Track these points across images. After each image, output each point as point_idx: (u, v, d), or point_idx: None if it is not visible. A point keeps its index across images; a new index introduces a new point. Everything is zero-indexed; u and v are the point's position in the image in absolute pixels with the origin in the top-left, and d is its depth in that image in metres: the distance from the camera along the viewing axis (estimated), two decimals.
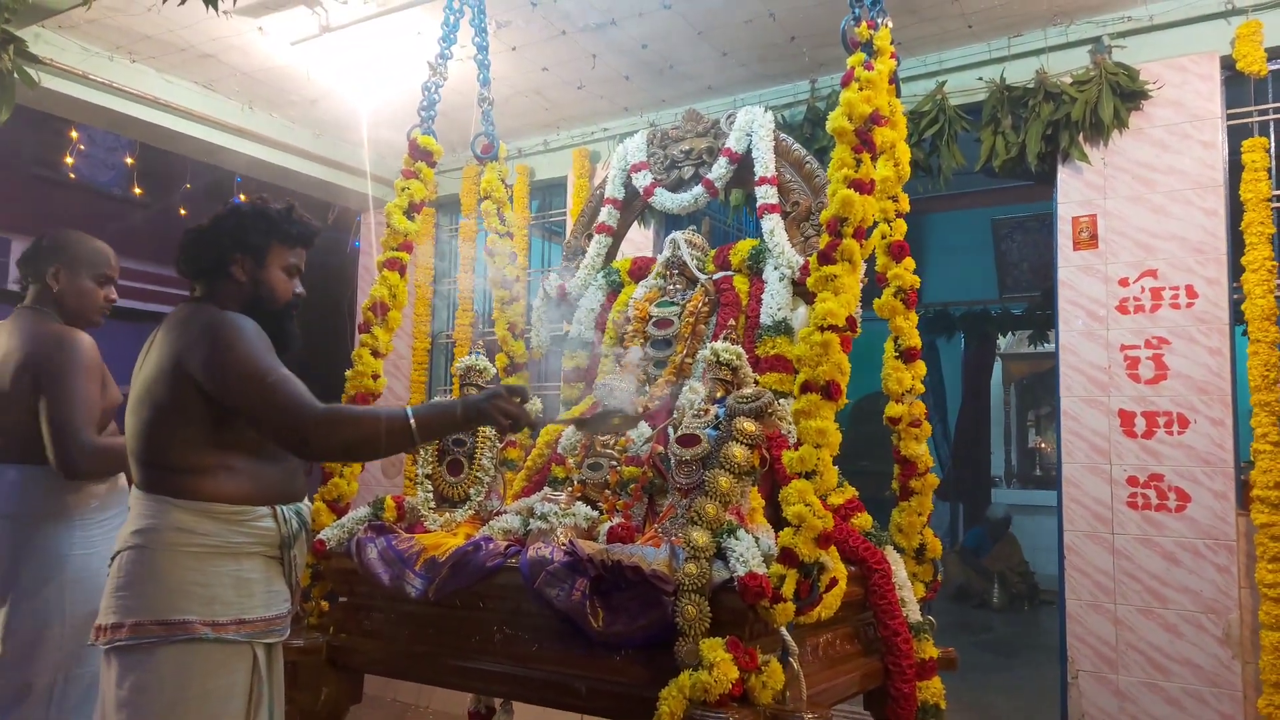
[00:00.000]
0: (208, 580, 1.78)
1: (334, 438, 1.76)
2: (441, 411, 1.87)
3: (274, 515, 1.87)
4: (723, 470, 2.18)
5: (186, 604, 1.76)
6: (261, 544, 1.85)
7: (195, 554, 1.78)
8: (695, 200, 3.13)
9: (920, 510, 2.69)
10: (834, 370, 2.07)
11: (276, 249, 1.98)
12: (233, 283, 1.93)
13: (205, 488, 1.80)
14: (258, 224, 1.95)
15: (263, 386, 1.75)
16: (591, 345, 3.19)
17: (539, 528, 2.39)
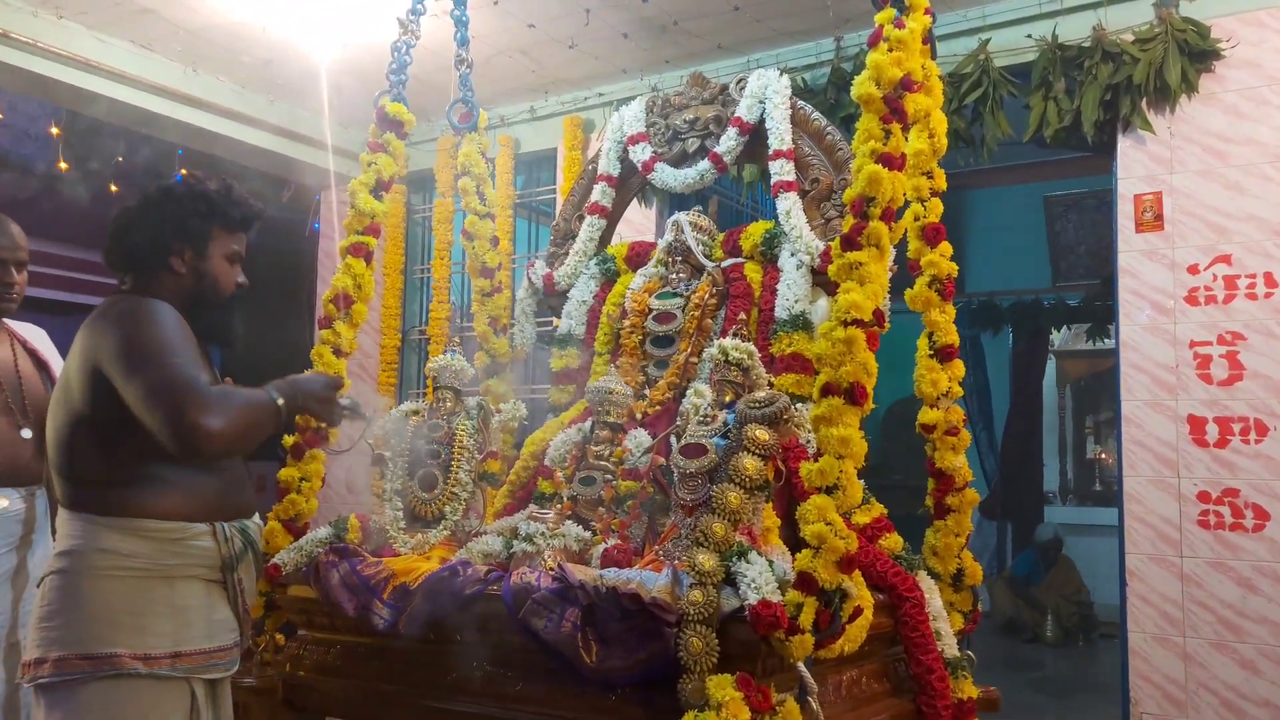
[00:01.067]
0: (138, 608, 1.78)
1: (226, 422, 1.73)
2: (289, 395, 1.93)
3: (213, 533, 1.88)
4: (732, 485, 2.19)
5: (114, 635, 1.76)
6: (200, 566, 1.85)
7: (124, 579, 1.78)
8: (701, 177, 3.14)
9: (958, 530, 2.70)
10: (859, 371, 2.08)
11: (218, 235, 1.98)
12: (170, 275, 1.94)
13: (132, 503, 1.80)
14: (197, 207, 1.96)
15: (159, 367, 1.74)
16: (583, 342, 3.22)
17: (524, 550, 2.40)
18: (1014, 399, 8.50)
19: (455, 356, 2.88)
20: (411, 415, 2.86)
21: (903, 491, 4.21)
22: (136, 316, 1.82)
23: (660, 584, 2.10)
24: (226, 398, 1.77)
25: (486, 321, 3.48)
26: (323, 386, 2.06)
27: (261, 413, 1.86)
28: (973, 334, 8.09)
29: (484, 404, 2.85)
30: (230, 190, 2.04)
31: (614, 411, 2.72)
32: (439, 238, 5.38)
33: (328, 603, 2.45)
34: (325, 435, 3.02)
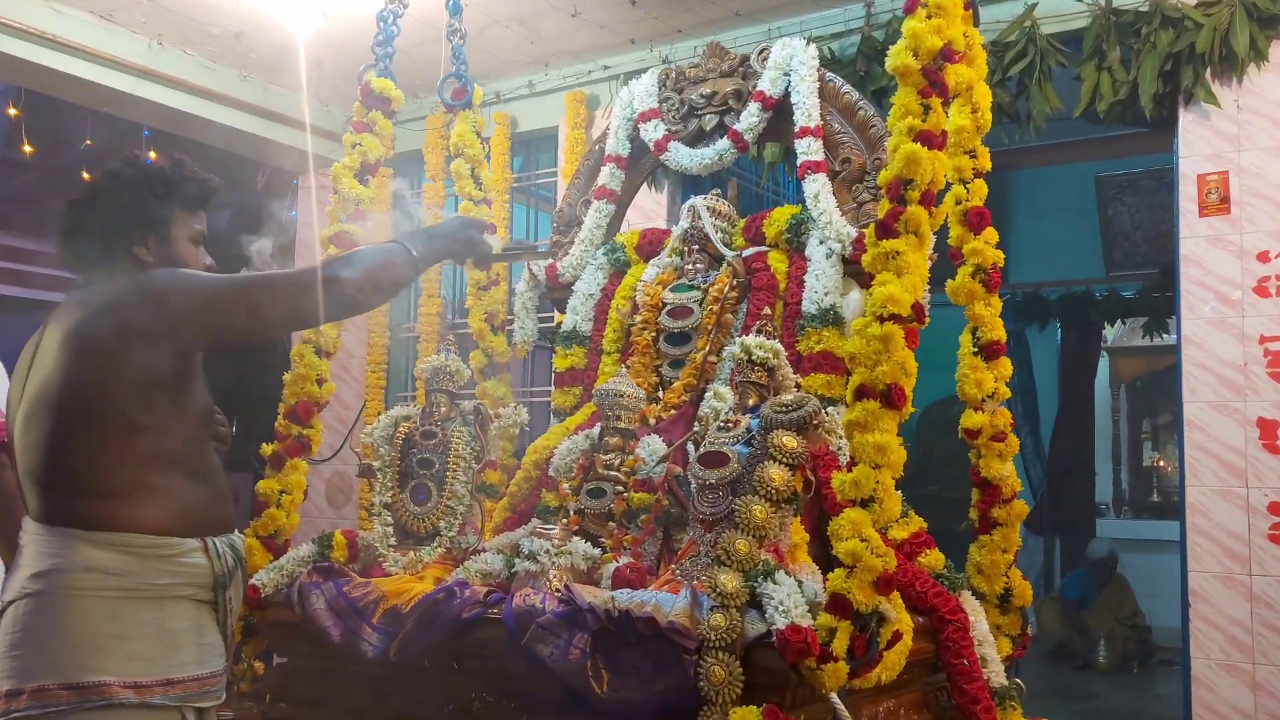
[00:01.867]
0: (126, 631, 1.77)
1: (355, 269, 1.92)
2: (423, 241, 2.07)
3: (205, 549, 1.89)
4: (757, 497, 2.19)
5: (101, 661, 1.75)
6: (191, 585, 1.86)
7: (111, 599, 1.77)
8: (720, 157, 3.14)
9: (1005, 546, 2.69)
10: (896, 371, 2.07)
11: (180, 217, 1.99)
12: (136, 267, 1.95)
13: (121, 515, 1.79)
14: (153, 189, 1.96)
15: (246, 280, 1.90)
16: (590, 340, 3.22)
17: (526, 569, 2.40)
18: (1063, 401, 8.47)
19: (449, 357, 2.88)
20: (402, 421, 2.86)
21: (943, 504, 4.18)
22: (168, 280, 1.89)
23: (678, 607, 2.10)
24: (342, 255, 1.99)
25: (483, 318, 3.48)
26: (460, 226, 2.19)
27: (391, 256, 2.00)
28: (1017, 329, 8.07)
29: (481, 408, 2.86)
30: (183, 166, 2.04)
31: (625, 416, 2.72)
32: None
33: (311, 627, 2.46)
34: (307, 445, 3.03)
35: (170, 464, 1.86)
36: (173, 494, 1.86)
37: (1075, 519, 8.37)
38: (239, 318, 1.90)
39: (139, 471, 1.83)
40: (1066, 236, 7.85)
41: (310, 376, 3.00)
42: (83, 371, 1.82)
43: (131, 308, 1.83)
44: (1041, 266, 7.87)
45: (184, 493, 1.88)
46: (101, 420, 1.81)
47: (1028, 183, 7.67)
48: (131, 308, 1.83)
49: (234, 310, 1.89)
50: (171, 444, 1.86)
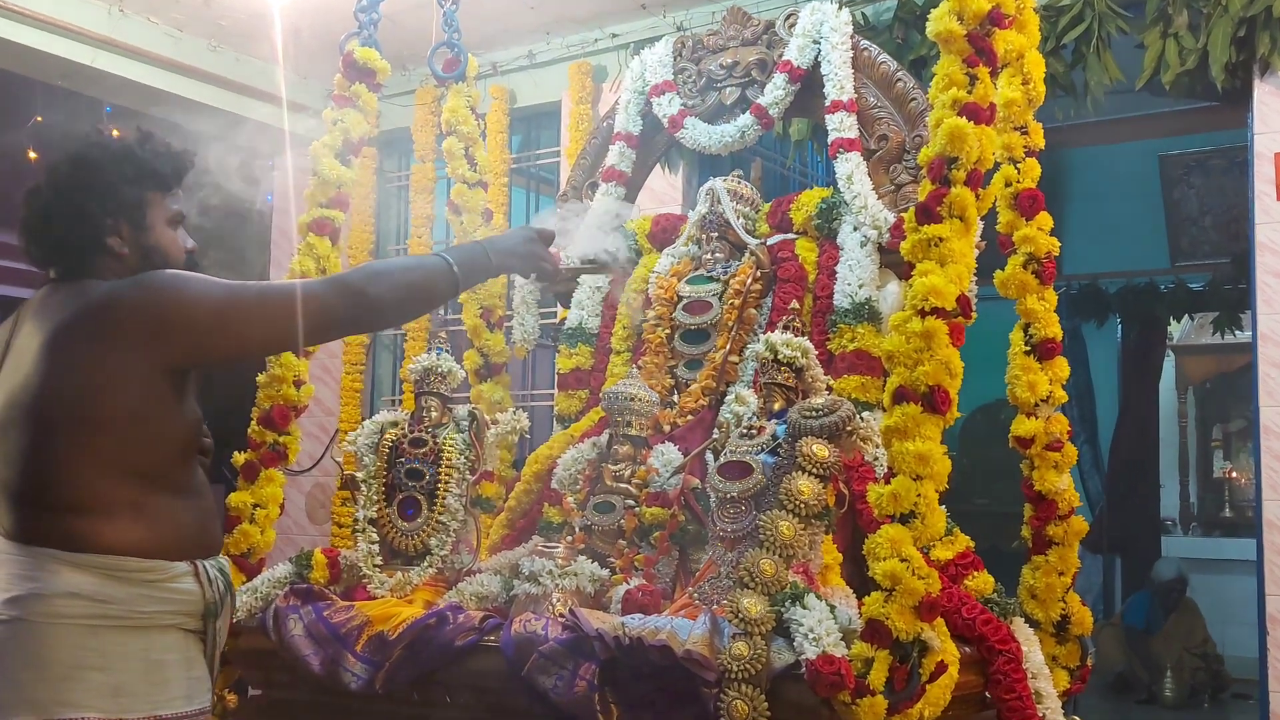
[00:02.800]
0: (110, 663, 1.77)
1: (385, 286, 1.95)
2: (472, 256, 2.11)
3: (196, 574, 1.89)
4: (784, 512, 2.19)
5: (85, 697, 1.74)
6: (180, 613, 1.86)
7: (94, 628, 1.76)
8: (741, 134, 3.14)
9: (1062, 567, 2.68)
10: (939, 371, 2.07)
11: (154, 200, 1.98)
12: (110, 259, 1.94)
13: (108, 535, 1.79)
14: (123, 171, 1.95)
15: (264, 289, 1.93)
16: (597, 338, 3.22)
17: (527, 592, 2.40)
18: (1124, 405, 8.43)
19: (440, 356, 2.89)
20: (388, 428, 2.87)
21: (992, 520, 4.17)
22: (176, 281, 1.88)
23: (696, 634, 2.09)
24: (371, 266, 2.03)
25: (478, 313, 3.49)
26: (523, 240, 2.21)
27: (429, 274, 2.02)
28: (1073, 325, 8.03)
29: (476, 414, 2.86)
30: (151, 140, 2.03)
31: (636, 422, 2.72)
32: (418, 211, 5.39)
33: (289, 656, 2.46)
34: (284, 454, 3.03)
35: (160, 480, 1.85)
36: (162, 513, 1.86)
37: (1138, 537, 8.33)
38: (254, 331, 1.89)
39: (126, 488, 1.82)
40: (1128, 222, 7.81)
41: (287, 378, 3.01)
42: (69, 377, 1.81)
43: (129, 312, 1.81)
44: (1100, 256, 7.83)
45: (174, 511, 1.88)
46: (87, 431, 1.80)
47: (1085, 162, 7.63)
48: (129, 312, 1.81)
49: (250, 324, 1.88)
50: (162, 458, 1.86)
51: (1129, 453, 8.39)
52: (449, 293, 2.06)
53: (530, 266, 2.23)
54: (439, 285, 2.03)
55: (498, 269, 2.16)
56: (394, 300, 1.98)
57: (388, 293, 1.95)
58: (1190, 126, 5.01)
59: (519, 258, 2.19)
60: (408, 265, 2.09)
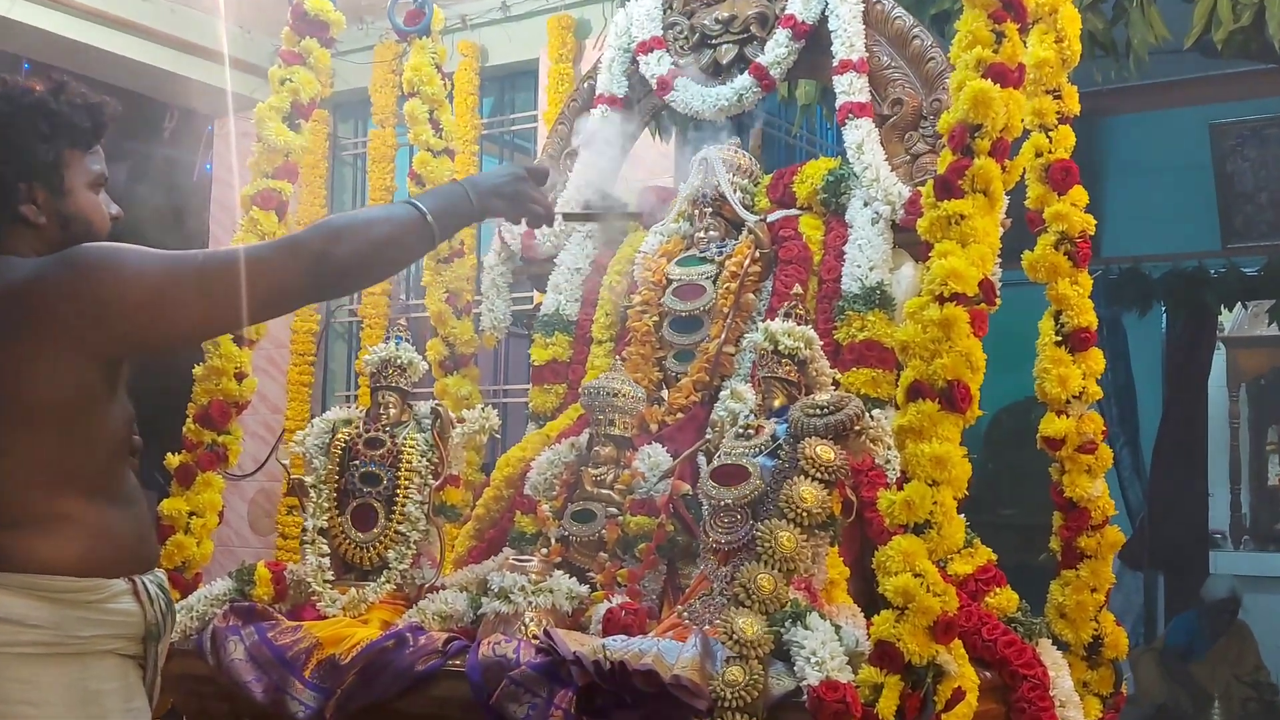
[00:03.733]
0: (44, 696, 1.76)
1: (348, 246, 1.89)
2: (450, 200, 2.05)
3: (135, 592, 1.88)
4: (784, 521, 2.19)
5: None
6: (119, 636, 1.84)
7: (23, 657, 1.75)
8: (739, 97, 3.13)
9: (1095, 583, 2.70)
10: (959, 364, 2.07)
11: (73, 159, 1.94)
12: (26, 229, 1.91)
13: (36, 551, 1.77)
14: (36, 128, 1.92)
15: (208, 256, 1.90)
16: (576, 326, 3.21)
17: (497, 611, 2.40)
18: (1168, 404, 8.44)
19: (400, 346, 2.87)
20: (341, 427, 2.86)
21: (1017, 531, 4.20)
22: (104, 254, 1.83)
23: (685, 657, 2.09)
24: (329, 222, 1.98)
25: (443, 297, 3.48)
26: (510, 178, 2.14)
27: (397, 224, 1.96)
28: (1112, 314, 8.03)
29: (440, 411, 2.85)
30: (66, 90, 1.98)
31: (619, 421, 2.71)
32: (376, 182, 5.38)
33: (228, 682, 2.45)
34: (223, 455, 3.03)
35: (92, 486, 1.84)
36: (96, 524, 1.84)
37: (1183, 551, 8.35)
38: (197, 311, 1.84)
39: (55, 497, 1.80)
40: (1174, 199, 7.82)
41: (227, 370, 3.00)
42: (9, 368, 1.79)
43: (55, 297, 1.78)
44: (1142, 236, 7.84)
45: (108, 521, 1.86)
46: (9, 432, 1.79)
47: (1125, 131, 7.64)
48: (55, 297, 1.78)
49: (193, 304, 1.82)
50: (94, 462, 1.84)
51: (1173, 457, 8.40)
52: (424, 245, 2.01)
53: (519, 209, 2.15)
54: (411, 239, 1.96)
55: (480, 212, 2.09)
56: (358, 262, 1.91)
57: (351, 254, 1.88)
58: (1245, 91, 5.02)
59: (505, 199, 2.11)
60: (372, 218, 2.00)
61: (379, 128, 5.37)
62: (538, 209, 2.15)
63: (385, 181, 5.34)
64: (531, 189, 2.14)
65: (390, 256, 1.98)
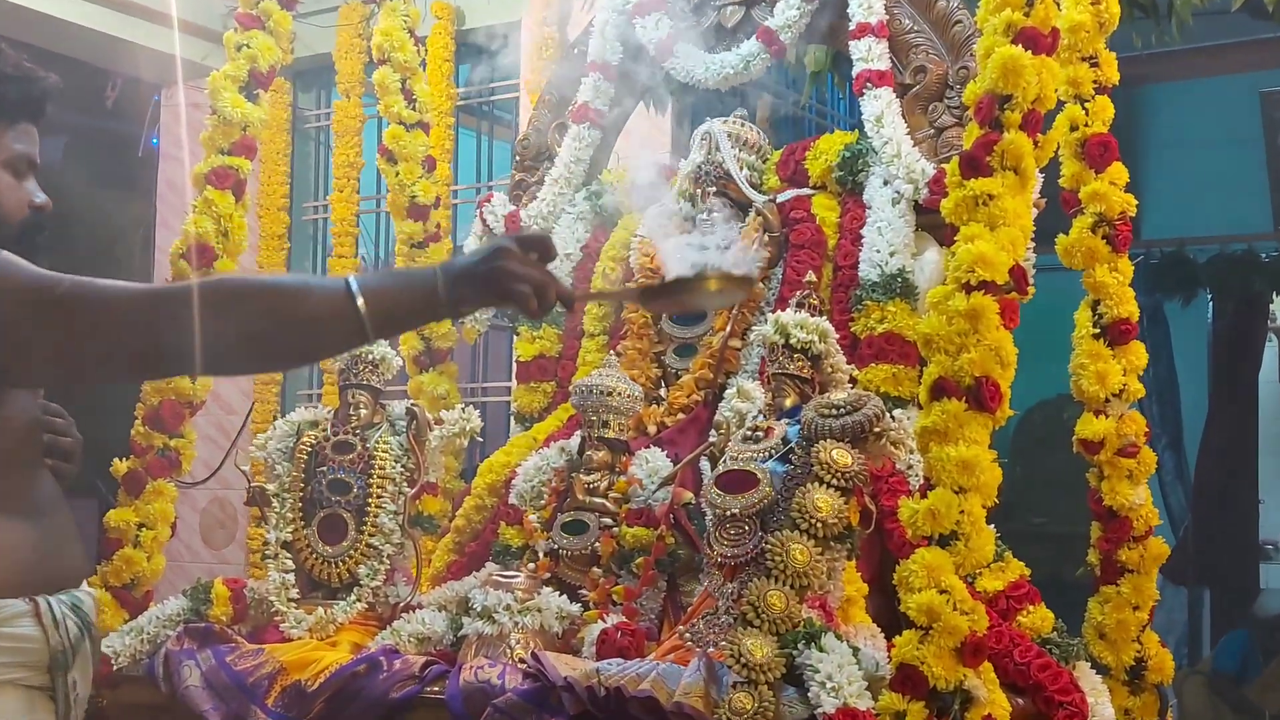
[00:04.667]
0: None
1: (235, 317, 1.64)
2: (406, 285, 1.70)
3: (37, 614, 1.87)
4: (796, 533, 2.20)
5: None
6: (18, 666, 1.84)
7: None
8: (745, 65, 3.14)
9: (1137, 600, 2.70)
10: (988, 359, 2.08)
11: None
12: None
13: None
14: None
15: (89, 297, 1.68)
16: (566, 318, 3.20)
17: (479, 632, 2.41)
18: (1215, 402, 8.45)
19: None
20: (306, 429, 2.87)
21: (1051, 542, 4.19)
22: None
23: (688, 683, 2.10)
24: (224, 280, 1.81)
25: None
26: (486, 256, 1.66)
27: (306, 305, 1.65)
28: (1153, 303, 8.04)
29: (416, 412, 2.86)
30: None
31: (614, 422, 2.72)
32: (341, 159, 5.36)
33: (183, 711, 2.45)
34: (175, 461, 3.03)
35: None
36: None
37: (1232, 564, 8.37)
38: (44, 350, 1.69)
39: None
40: (1221, 175, 7.83)
41: None
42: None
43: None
44: (1187, 217, 7.86)
45: (8, 532, 1.86)
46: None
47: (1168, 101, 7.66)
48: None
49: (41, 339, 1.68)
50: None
51: (1220, 460, 8.41)
52: (347, 339, 1.66)
53: (499, 295, 1.67)
54: (327, 329, 1.64)
55: (450, 306, 1.66)
56: (243, 343, 1.66)
57: (236, 329, 1.64)
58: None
59: (477, 284, 1.66)
60: (283, 288, 1.71)
61: (344, 98, 5.35)
62: (524, 291, 1.64)
63: (351, 157, 5.32)
64: (518, 265, 1.66)
65: (291, 345, 1.70)
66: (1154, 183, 7.24)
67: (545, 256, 1.72)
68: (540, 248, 1.72)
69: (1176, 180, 7.56)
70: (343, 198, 5.36)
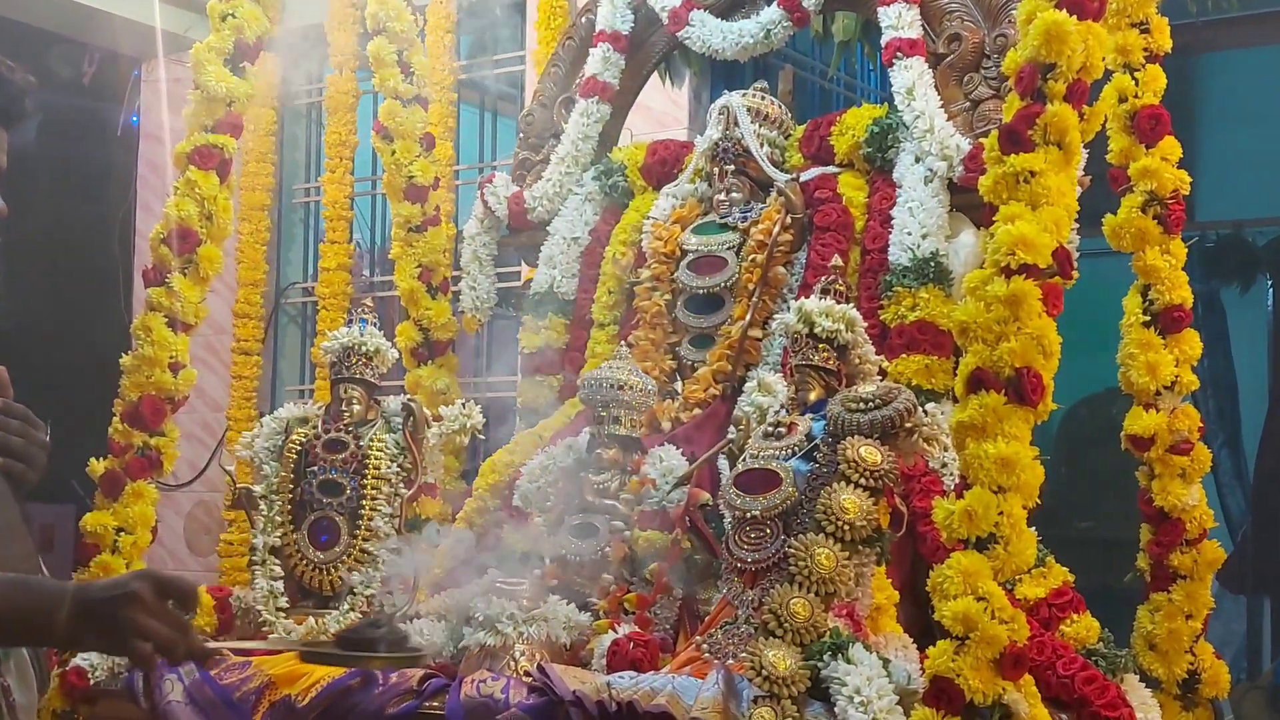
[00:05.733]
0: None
1: None
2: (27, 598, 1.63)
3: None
4: (822, 536, 2.19)
5: None
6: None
7: None
8: (766, 34, 3.14)
9: (1191, 609, 2.69)
10: (1029, 349, 2.07)
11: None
12: None
13: None
14: None
15: None
16: (574, 306, 3.22)
17: (481, 643, 2.40)
18: (1276, 395, 8.43)
19: (365, 331, 2.89)
20: (296, 427, 2.87)
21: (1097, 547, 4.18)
22: None
23: (706, 697, 2.10)
24: None
25: (415, 273, 3.48)
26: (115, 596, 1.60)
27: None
28: (1208, 289, 8.00)
29: (413, 407, 2.86)
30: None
31: (626, 418, 2.72)
32: (334, 138, 5.37)
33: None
34: (157, 461, 3.04)
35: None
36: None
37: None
38: None
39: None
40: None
41: (159, 359, 3.01)
42: None
43: None
44: (1245, 196, 7.82)
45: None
46: None
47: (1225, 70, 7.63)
48: None
49: None
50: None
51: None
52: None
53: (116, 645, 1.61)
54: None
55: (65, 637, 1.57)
56: None
57: None
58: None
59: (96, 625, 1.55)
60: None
61: (337, 72, 5.36)
62: (143, 650, 1.54)
63: (344, 136, 5.33)
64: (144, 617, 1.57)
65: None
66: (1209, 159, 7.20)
67: (185, 605, 1.63)
68: (179, 594, 1.61)
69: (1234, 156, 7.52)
70: (335, 178, 5.36)
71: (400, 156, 3.47)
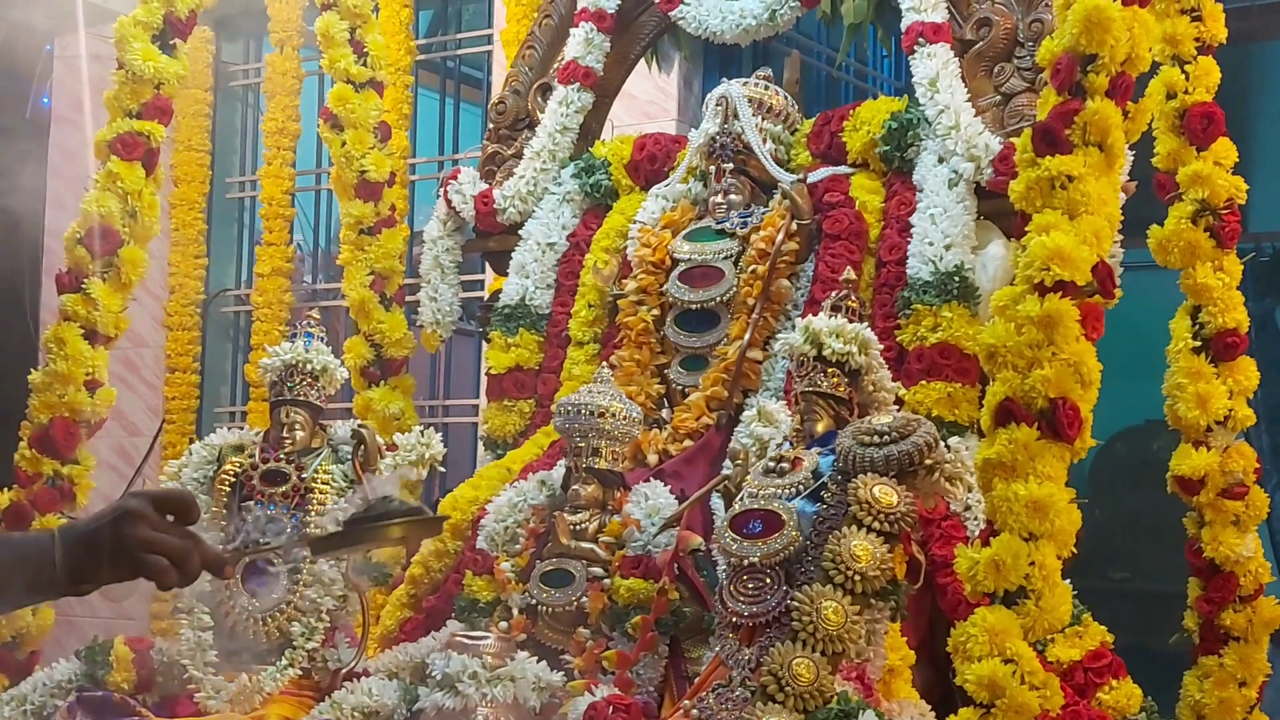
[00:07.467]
0: None
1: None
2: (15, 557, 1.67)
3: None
4: (830, 587, 2.20)
5: None
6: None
7: None
8: (771, 15, 3.16)
9: (1244, 675, 2.70)
10: (1065, 377, 2.08)
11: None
12: None
13: None
14: None
15: None
16: (548, 321, 3.23)
17: (439, 706, 2.41)
18: None
19: (310, 346, 2.88)
20: (230, 455, 2.87)
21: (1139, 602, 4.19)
22: None
23: None
24: None
25: (366, 281, 3.48)
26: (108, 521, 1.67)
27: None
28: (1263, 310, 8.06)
29: (364, 434, 2.86)
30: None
31: (607, 449, 2.72)
32: (272, 125, 5.37)
33: None
34: (68, 492, 3.03)
35: None
36: None
37: None
38: None
39: None
40: None
41: (74, 375, 3.00)
42: None
43: None
44: None
45: None
46: None
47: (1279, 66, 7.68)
48: None
49: None
50: None
51: None
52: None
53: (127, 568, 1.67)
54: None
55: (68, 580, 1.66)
56: None
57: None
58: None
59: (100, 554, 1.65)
60: None
61: (278, 50, 5.36)
62: (158, 563, 1.63)
63: (284, 123, 5.33)
64: (148, 532, 1.65)
65: None
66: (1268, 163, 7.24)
67: (184, 519, 1.69)
68: (178, 508, 1.68)
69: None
70: (273, 171, 5.36)
71: (351, 148, 3.47)
